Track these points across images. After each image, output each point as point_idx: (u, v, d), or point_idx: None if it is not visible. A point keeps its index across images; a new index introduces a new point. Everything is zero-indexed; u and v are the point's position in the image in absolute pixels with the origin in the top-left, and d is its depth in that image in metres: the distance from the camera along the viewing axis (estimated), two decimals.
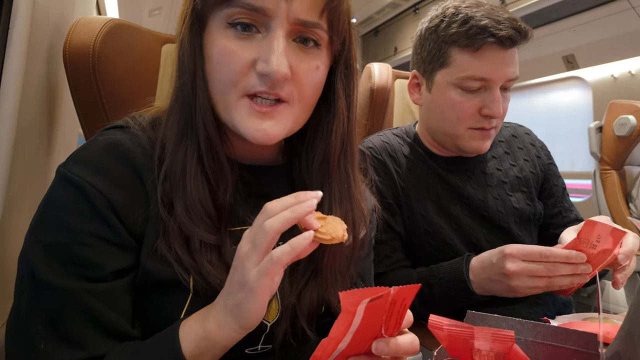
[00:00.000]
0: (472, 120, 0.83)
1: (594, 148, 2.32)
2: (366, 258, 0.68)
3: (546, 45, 2.97)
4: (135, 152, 0.49)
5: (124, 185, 0.47)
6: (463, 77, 0.81)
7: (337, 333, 0.35)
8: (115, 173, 0.47)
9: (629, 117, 2.13)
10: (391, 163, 0.94)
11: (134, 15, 3.50)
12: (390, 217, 0.92)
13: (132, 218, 0.47)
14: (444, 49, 0.83)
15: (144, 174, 0.48)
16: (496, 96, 0.80)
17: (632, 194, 2.21)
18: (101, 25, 0.76)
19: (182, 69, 0.49)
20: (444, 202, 0.91)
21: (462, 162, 0.93)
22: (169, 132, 0.50)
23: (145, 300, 0.49)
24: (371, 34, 5.04)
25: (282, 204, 0.41)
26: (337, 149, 0.54)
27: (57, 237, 0.45)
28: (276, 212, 0.40)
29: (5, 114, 0.65)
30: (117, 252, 0.46)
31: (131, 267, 0.48)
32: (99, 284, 0.45)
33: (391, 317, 0.37)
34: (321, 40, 0.49)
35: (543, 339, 0.42)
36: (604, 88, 2.94)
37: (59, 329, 0.43)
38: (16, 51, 0.66)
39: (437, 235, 0.90)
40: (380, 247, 0.91)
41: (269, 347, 0.54)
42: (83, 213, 0.45)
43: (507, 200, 0.92)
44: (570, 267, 0.67)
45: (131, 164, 0.48)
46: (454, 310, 0.72)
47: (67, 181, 0.46)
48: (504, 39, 0.78)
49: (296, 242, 0.39)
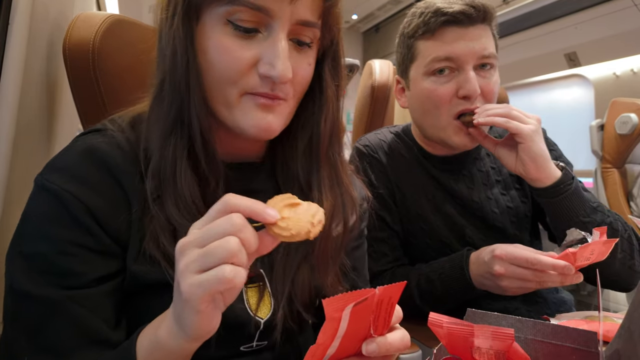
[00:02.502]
0: (451, 105, 0.82)
1: (595, 146, 2.32)
2: (358, 249, 0.67)
3: (548, 43, 2.96)
4: (114, 155, 0.48)
5: (103, 191, 0.47)
6: (428, 62, 0.82)
7: (325, 339, 0.35)
8: (94, 179, 0.46)
9: (631, 115, 2.12)
10: (387, 161, 0.94)
11: (134, 11, 3.49)
12: (387, 215, 0.92)
13: (114, 224, 0.46)
14: (410, 44, 0.86)
15: (124, 177, 0.48)
16: (469, 75, 0.79)
17: (633, 192, 2.20)
18: (101, 21, 0.75)
19: (172, 61, 0.46)
20: (439, 202, 0.91)
21: (457, 161, 0.92)
22: (154, 127, 0.49)
23: (135, 304, 0.49)
24: (372, 30, 5.03)
25: (239, 199, 0.38)
26: (327, 136, 0.54)
27: (37, 247, 0.44)
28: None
29: (5, 110, 0.65)
30: (99, 259, 0.46)
31: (116, 273, 0.48)
32: (81, 290, 0.45)
33: (379, 317, 0.37)
34: (314, 39, 0.50)
35: (543, 337, 0.42)
36: (606, 86, 2.93)
37: (42, 339, 0.43)
38: (16, 47, 0.66)
39: (433, 234, 0.90)
40: (378, 245, 0.92)
41: (265, 344, 0.54)
42: (62, 222, 0.45)
43: (500, 200, 0.91)
44: (559, 275, 0.66)
45: (110, 169, 0.47)
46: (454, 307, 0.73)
47: (44, 190, 0.45)
48: (457, 15, 0.79)
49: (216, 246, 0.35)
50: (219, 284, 0.34)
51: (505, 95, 1.66)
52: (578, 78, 3.19)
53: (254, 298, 0.53)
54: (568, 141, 3.34)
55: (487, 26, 0.82)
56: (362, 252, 0.69)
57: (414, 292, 0.85)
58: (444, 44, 0.81)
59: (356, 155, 0.97)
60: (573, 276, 0.66)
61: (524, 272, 0.68)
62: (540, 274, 0.67)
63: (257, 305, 0.52)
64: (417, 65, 0.85)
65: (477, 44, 0.80)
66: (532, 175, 0.75)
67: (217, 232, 0.35)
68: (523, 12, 2.71)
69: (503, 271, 0.70)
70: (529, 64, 3.24)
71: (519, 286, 0.71)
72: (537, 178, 0.75)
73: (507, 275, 0.70)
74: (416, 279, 0.85)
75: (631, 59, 2.75)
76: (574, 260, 0.64)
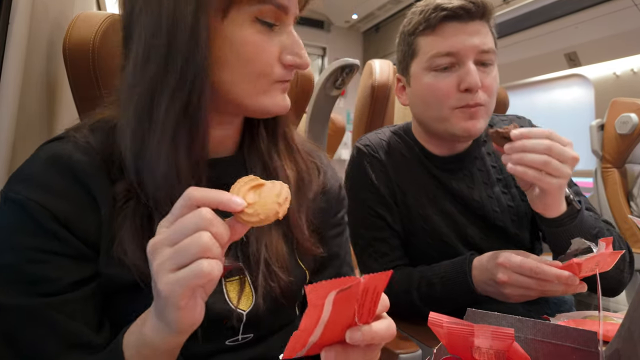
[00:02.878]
0: (453, 99, 0.82)
1: (595, 146, 2.31)
2: (339, 237, 0.69)
3: (548, 43, 2.96)
4: (79, 160, 0.48)
5: (70, 196, 0.46)
6: (430, 57, 0.83)
7: (307, 325, 0.35)
8: (58, 186, 0.46)
9: (631, 115, 2.12)
10: (388, 161, 0.94)
11: None
12: (388, 214, 0.92)
13: (84, 228, 0.46)
14: (411, 41, 0.87)
15: (91, 181, 0.47)
16: (470, 69, 0.80)
17: (633, 192, 2.20)
18: (101, 20, 0.75)
19: (189, 54, 0.45)
20: (440, 201, 0.91)
21: (457, 160, 0.92)
22: (149, 127, 0.47)
23: (117, 304, 0.49)
24: (372, 30, 5.03)
25: (203, 192, 0.38)
26: (285, 117, 0.60)
27: (5, 259, 0.44)
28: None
29: (4, 110, 0.65)
30: (72, 264, 0.46)
31: (92, 276, 0.48)
32: (57, 297, 0.45)
33: (364, 306, 0.37)
34: None
35: (543, 336, 0.42)
36: (606, 86, 2.93)
37: (23, 348, 0.43)
38: (16, 47, 0.66)
39: (435, 233, 0.90)
40: (378, 244, 0.92)
41: (251, 337, 0.54)
42: (29, 231, 0.45)
43: (502, 199, 0.91)
44: (562, 285, 0.65)
45: (76, 174, 0.47)
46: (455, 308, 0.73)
47: (9, 201, 0.45)
48: (457, 10, 0.80)
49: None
50: (197, 278, 0.35)
51: (505, 95, 1.66)
52: (578, 78, 3.19)
53: (234, 292, 0.53)
54: None
55: (485, 23, 0.83)
56: (343, 239, 0.70)
57: (414, 294, 0.85)
58: (444, 39, 0.81)
59: (356, 155, 0.97)
60: (577, 286, 0.65)
61: (528, 281, 0.68)
62: (544, 283, 0.66)
63: (238, 297, 0.52)
64: (418, 61, 0.86)
65: (476, 38, 0.80)
66: (538, 211, 0.74)
67: (188, 229, 0.36)
68: (523, 11, 2.71)
69: (506, 279, 0.70)
70: (529, 64, 3.24)
71: (521, 294, 0.70)
72: (542, 213, 0.74)
73: (511, 283, 0.70)
74: (417, 281, 0.85)
75: (631, 58, 2.75)
76: (578, 271, 0.63)
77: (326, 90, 1.22)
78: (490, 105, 0.85)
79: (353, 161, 0.98)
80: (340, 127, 1.97)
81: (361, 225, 0.94)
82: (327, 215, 0.65)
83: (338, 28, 5.06)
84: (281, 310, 0.56)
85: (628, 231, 2.12)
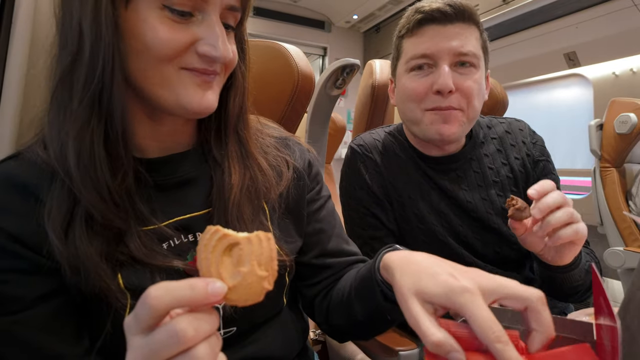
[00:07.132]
0: (427, 101, 0.83)
1: (594, 146, 2.32)
2: (322, 209, 0.69)
3: (548, 43, 2.96)
4: (31, 175, 0.48)
5: (25, 213, 0.46)
6: (408, 59, 0.85)
7: None
8: (14, 205, 0.46)
9: (630, 115, 2.13)
10: (381, 161, 0.94)
11: None
12: (382, 214, 0.92)
13: (44, 242, 0.46)
14: (397, 44, 0.90)
15: (43, 194, 0.47)
16: (443, 71, 0.80)
17: (631, 191, 2.21)
18: None
19: (94, 43, 0.44)
20: (435, 201, 0.91)
21: (450, 161, 0.92)
22: (64, 120, 0.46)
23: (91, 310, 0.48)
24: (372, 30, 5.03)
25: (170, 294, 0.32)
26: (235, 114, 0.57)
27: None
28: (163, 299, 0.31)
29: (8, 110, 0.66)
30: (35, 279, 0.46)
31: (60, 288, 0.47)
32: (24, 312, 0.45)
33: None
34: (236, 23, 0.53)
35: None
36: (605, 86, 2.93)
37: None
38: (19, 47, 0.66)
39: (430, 233, 0.90)
40: (374, 243, 0.92)
41: (234, 330, 0.54)
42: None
43: (496, 202, 0.91)
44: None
45: (28, 190, 0.47)
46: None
47: None
48: (434, 12, 0.81)
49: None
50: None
51: (504, 95, 1.67)
52: (577, 78, 3.19)
53: None
54: (567, 140, 3.36)
55: (469, 25, 0.83)
56: (324, 213, 0.70)
57: None
58: (422, 40, 0.83)
59: (350, 155, 0.98)
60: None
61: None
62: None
63: None
64: (401, 62, 0.89)
65: (455, 41, 0.81)
66: (549, 261, 0.73)
67: (167, 354, 0.31)
68: (523, 12, 2.72)
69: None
70: (528, 64, 3.25)
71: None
72: (552, 263, 0.73)
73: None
74: None
75: (630, 58, 2.75)
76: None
77: (327, 90, 1.22)
78: (470, 110, 0.83)
79: (347, 161, 0.99)
80: (341, 126, 1.98)
81: (357, 224, 0.94)
82: (300, 194, 0.65)
83: (339, 28, 5.06)
84: (263, 301, 0.56)
85: (626, 230, 2.12)
